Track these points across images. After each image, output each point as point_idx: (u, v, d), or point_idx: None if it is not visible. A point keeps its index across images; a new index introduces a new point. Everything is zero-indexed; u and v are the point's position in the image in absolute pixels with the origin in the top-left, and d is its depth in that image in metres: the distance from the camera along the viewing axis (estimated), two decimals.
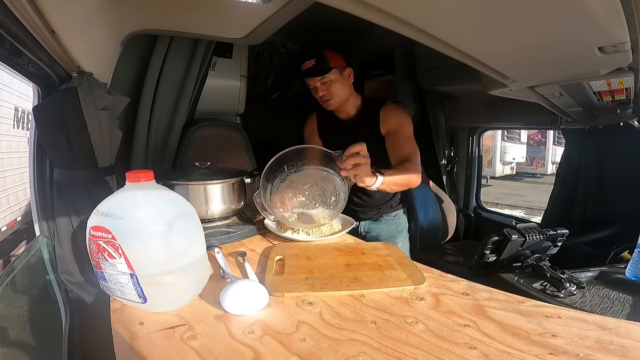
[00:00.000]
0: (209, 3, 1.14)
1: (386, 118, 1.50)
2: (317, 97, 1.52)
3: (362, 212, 1.66)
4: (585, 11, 0.64)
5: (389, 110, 1.52)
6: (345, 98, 1.52)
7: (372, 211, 1.67)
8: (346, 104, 1.54)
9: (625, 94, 1.25)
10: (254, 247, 1.11)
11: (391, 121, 1.49)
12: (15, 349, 0.77)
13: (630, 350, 0.60)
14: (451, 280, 0.88)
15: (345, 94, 1.51)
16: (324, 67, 1.46)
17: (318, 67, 1.46)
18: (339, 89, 1.49)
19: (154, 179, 0.79)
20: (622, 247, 1.67)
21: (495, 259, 1.38)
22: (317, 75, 1.47)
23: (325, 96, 1.49)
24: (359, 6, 0.69)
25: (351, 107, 1.56)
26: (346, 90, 1.51)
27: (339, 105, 1.53)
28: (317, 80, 1.47)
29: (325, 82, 1.47)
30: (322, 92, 1.49)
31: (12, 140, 4.40)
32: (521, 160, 11.40)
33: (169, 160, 1.72)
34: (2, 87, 4.08)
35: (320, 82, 1.47)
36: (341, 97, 1.51)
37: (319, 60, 1.46)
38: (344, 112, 1.58)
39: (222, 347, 0.62)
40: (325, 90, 1.48)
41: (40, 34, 0.77)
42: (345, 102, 1.53)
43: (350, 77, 1.53)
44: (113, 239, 0.70)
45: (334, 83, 1.48)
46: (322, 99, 1.50)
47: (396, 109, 1.53)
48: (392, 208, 1.69)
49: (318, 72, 1.46)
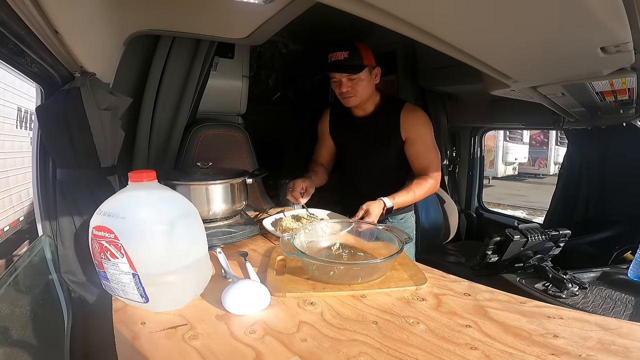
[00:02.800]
0: (211, 3, 1.15)
1: (407, 123, 1.45)
2: (338, 91, 1.43)
3: None
4: (588, 11, 0.63)
5: (409, 114, 1.46)
6: (367, 98, 1.45)
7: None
8: (367, 102, 1.48)
9: (628, 94, 1.24)
10: (256, 247, 1.11)
11: (412, 127, 1.44)
12: (17, 348, 0.77)
13: (632, 350, 0.60)
14: (453, 280, 0.88)
15: (368, 93, 1.44)
16: (357, 64, 1.36)
17: (350, 63, 1.36)
18: (364, 89, 1.41)
19: (156, 179, 0.80)
20: (625, 247, 1.67)
21: (497, 259, 1.38)
22: (348, 73, 1.37)
23: (349, 93, 1.40)
24: (361, 6, 0.69)
25: (370, 105, 1.49)
26: (371, 90, 1.44)
27: (359, 104, 1.47)
28: (345, 76, 1.38)
29: (353, 79, 1.38)
30: (346, 89, 1.39)
31: (15, 140, 4.42)
32: (523, 160, 11.35)
33: (171, 161, 1.72)
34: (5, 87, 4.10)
35: (347, 78, 1.38)
36: (364, 96, 1.43)
37: (352, 55, 1.35)
38: (360, 110, 1.51)
39: (224, 346, 0.62)
40: (350, 88, 1.39)
41: (44, 34, 0.78)
42: (366, 100, 1.47)
43: (377, 76, 1.44)
44: (115, 238, 0.70)
45: (362, 82, 1.39)
46: (344, 95, 1.41)
47: (417, 114, 1.47)
48: (399, 211, 1.63)
49: (349, 68, 1.36)
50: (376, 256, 0.94)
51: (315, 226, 1.07)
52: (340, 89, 1.41)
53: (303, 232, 1.01)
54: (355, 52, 1.36)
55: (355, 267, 0.87)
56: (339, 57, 1.36)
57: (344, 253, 1.00)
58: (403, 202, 1.36)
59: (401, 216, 1.66)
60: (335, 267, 0.84)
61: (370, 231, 1.05)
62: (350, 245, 1.04)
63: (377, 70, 1.44)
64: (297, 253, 0.85)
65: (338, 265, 0.85)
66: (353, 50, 1.36)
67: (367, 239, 1.05)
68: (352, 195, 1.64)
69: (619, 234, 1.78)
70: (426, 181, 1.43)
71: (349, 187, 1.70)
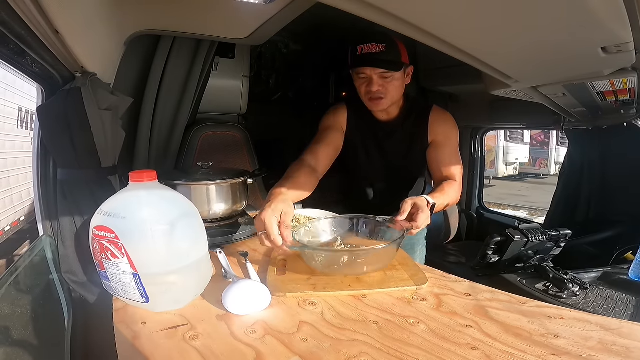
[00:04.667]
0: (212, 3, 1.15)
1: (435, 126, 1.33)
2: (366, 89, 1.25)
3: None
4: (589, 11, 0.63)
5: (438, 117, 1.34)
6: (397, 100, 1.31)
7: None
8: (393, 105, 1.33)
9: (629, 94, 1.24)
10: (256, 247, 1.11)
11: (440, 130, 1.32)
12: (18, 348, 0.77)
13: (633, 351, 0.60)
14: (453, 280, 0.88)
15: (399, 95, 1.29)
16: (395, 61, 1.20)
17: (387, 58, 1.20)
18: (397, 90, 1.26)
19: (156, 179, 0.80)
20: (626, 247, 1.67)
21: (498, 259, 1.38)
22: (385, 68, 1.20)
23: (379, 93, 1.23)
24: (361, 6, 0.69)
25: (395, 108, 1.35)
26: (402, 91, 1.29)
27: (388, 107, 1.31)
28: (379, 72, 1.20)
29: (387, 77, 1.22)
30: (378, 88, 1.22)
31: (16, 140, 4.43)
32: (524, 160, 11.36)
33: (172, 161, 1.73)
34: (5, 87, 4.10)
35: (381, 75, 1.21)
36: (395, 98, 1.28)
37: (389, 49, 1.19)
38: (385, 113, 1.35)
39: (224, 346, 0.62)
40: (382, 87, 1.23)
41: (44, 34, 0.78)
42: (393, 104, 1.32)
43: (409, 76, 1.30)
44: (116, 238, 0.70)
45: (395, 82, 1.23)
46: (374, 94, 1.24)
47: (445, 117, 1.36)
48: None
49: (386, 64, 1.19)
50: None
51: (315, 224, 1.07)
52: (370, 87, 1.23)
53: (303, 230, 1.00)
54: (393, 47, 1.20)
55: (361, 258, 0.86)
56: (372, 50, 1.19)
57: (346, 248, 1.00)
58: (441, 205, 1.14)
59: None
60: (342, 257, 0.84)
61: (370, 226, 1.05)
62: (351, 243, 1.04)
63: (411, 69, 1.29)
64: (300, 245, 0.85)
65: (344, 256, 0.85)
66: (391, 43, 1.19)
67: (367, 236, 1.04)
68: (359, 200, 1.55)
69: (620, 234, 1.78)
70: (455, 186, 1.23)
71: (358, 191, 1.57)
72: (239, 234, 1.15)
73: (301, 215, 1.30)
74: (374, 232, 1.04)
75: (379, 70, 1.20)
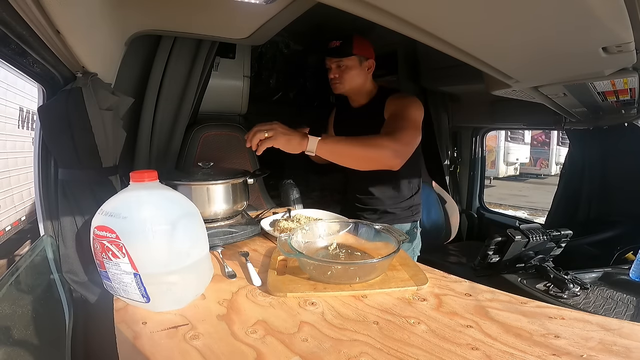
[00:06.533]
0: (212, 4, 1.15)
1: (389, 105, 1.44)
2: (329, 77, 1.51)
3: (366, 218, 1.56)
4: (589, 11, 0.63)
5: (395, 97, 1.46)
6: (356, 87, 1.50)
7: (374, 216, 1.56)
8: (358, 93, 1.53)
9: (630, 94, 1.24)
10: (257, 247, 1.11)
11: (392, 107, 1.42)
12: (19, 347, 0.77)
13: (633, 351, 0.60)
14: (454, 281, 0.88)
15: (357, 83, 1.49)
16: (345, 51, 1.44)
17: (340, 49, 1.44)
18: (352, 77, 1.47)
19: (157, 179, 0.80)
20: (626, 248, 1.67)
21: (499, 259, 1.38)
22: (335, 56, 1.45)
23: (336, 80, 1.48)
24: (361, 6, 0.69)
25: (364, 97, 1.54)
26: (360, 80, 1.48)
27: (349, 93, 1.53)
28: (334, 61, 1.46)
29: (340, 66, 1.45)
30: (334, 75, 1.47)
31: (17, 140, 4.44)
32: (525, 160, 11.34)
33: (172, 161, 1.73)
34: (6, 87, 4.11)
35: (336, 64, 1.46)
36: (351, 85, 1.48)
37: (344, 43, 1.44)
38: (356, 101, 1.56)
39: (225, 346, 0.62)
40: (338, 74, 1.47)
41: (45, 35, 0.78)
42: (357, 91, 1.52)
43: (370, 69, 1.50)
44: (117, 238, 0.71)
45: (350, 70, 1.45)
46: (332, 81, 1.50)
47: (402, 96, 1.47)
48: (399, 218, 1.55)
49: (338, 53, 1.45)
50: (374, 256, 0.94)
51: (313, 226, 1.07)
52: (329, 75, 1.49)
53: (300, 232, 1.00)
54: (348, 41, 1.43)
55: (352, 267, 0.86)
56: (332, 45, 1.46)
57: (341, 253, 1.00)
58: (333, 146, 1.17)
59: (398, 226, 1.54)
60: (332, 267, 0.84)
61: (368, 231, 1.05)
62: (348, 245, 1.04)
63: (370, 63, 1.49)
64: (294, 253, 0.85)
65: (335, 265, 0.85)
66: (347, 39, 1.44)
67: (365, 238, 1.04)
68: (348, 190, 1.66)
69: (621, 235, 1.78)
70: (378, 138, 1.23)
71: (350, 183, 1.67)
72: (240, 234, 1.15)
73: (301, 216, 1.30)
74: (371, 235, 1.04)
75: (334, 59, 1.46)
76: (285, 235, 0.94)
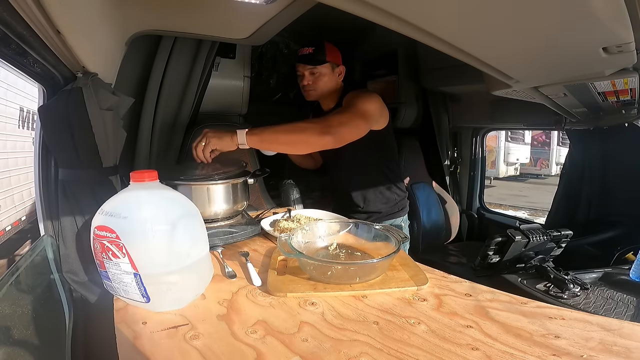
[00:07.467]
0: (213, 4, 1.15)
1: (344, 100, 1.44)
2: (301, 84, 1.52)
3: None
4: (590, 12, 0.63)
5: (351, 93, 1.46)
6: (327, 92, 1.52)
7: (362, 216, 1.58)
8: (329, 97, 1.54)
9: (630, 94, 1.24)
10: (257, 247, 1.11)
11: (345, 100, 1.43)
12: (19, 347, 0.77)
13: (633, 351, 0.60)
14: (454, 281, 0.88)
15: (328, 88, 1.51)
16: (318, 58, 1.46)
17: (313, 57, 1.46)
18: (324, 84, 1.49)
19: (157, 179, 0.80)
20: (627, 248, 1.67)
21: (499, 259, 1.38)
22: (309, 64, 1.46)
23: (309, 87, 1.49)
24: (362, 6, 0.69)
25: (332, 100, 1.55)
26: (331, 85, 1.51)
27: (320, 98, 1.55)
28: (308, 68, 1.47)
29: (314, 73, 1.47)
30: (307, 82, 1.49)
31: (17, 140, 4.44)
32: (525, 161, 11.33)
33: (173, 160, 1.73)
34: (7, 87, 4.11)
35: (309, 71, 1.47)
36: (323, 91, 1.50)
37: (316, 50, 1.46)
38: (326, 104, 1.58)
39: (225, 346, 0.62)
40: (311, 81, 1.48)
41: (46, 35, 0.78)
42: (327, 96, 1.53)
43: (340, 75, 1.53)
44: (117, 238, 0.71)
45: (322, 76, 1.48)
46: (305, 88, 1.51)
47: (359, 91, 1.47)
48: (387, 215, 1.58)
49: (311, 61, 1.46)
50: (374, 256, 0.94)
51: (313, 226, 1.07)
52: (302, 82, 1.50)
53: (300, 233, 1.00)
54: (320, 48, 1.46)
55: (352, 267, 0.87)
56: (304, 52, 1.47)
57: (341, 253, 1.00)
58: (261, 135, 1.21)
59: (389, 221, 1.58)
60: (332, 267, 0.84)
61: (368, 231, 1.05)
62: (348, 245, 1.04)
63: (341, 69, 1.52)
64: (294, 253, 0.85)
65: (336, 265, 0.85)
66: (319, 46, 1.46)
67: (365, 238, 1.04)
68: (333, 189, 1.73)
69: (621, 235, 1.78)
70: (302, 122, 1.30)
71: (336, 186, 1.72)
72: (240, 234, 1.15)
73: (302, 216, 1.30)
74: (371, 234, 1.04)
75: (308, 66, 1.47)
76: (285, 236, 0.94)
